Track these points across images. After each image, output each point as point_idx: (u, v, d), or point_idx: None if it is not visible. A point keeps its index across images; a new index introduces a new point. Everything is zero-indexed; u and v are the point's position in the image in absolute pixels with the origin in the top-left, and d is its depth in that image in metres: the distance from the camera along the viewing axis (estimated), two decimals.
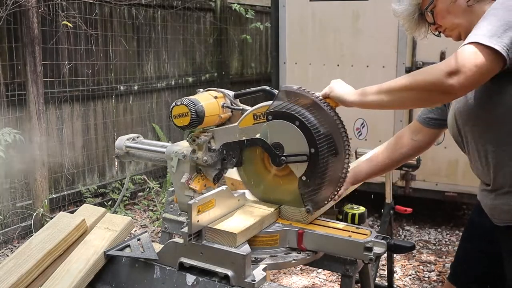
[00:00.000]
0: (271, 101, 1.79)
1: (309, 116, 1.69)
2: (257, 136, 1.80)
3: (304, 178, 1.74)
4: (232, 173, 2.06)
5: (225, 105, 1.93)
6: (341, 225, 1.85)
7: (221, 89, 1.98)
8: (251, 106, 1.88)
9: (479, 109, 1.73)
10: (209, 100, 1.88)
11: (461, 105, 1.79)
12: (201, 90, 1.99)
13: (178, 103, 1.82)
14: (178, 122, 1.83)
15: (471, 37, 1.55)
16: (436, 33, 1.93)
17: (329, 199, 1.81)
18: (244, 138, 1.83)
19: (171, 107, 1.84)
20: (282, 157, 1.75)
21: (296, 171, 1.75)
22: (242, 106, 1.95)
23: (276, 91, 1.84)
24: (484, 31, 1.54)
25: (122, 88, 5.85)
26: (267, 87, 1.90)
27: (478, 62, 1.50)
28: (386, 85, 1.65)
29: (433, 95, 1.57)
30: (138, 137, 2.18)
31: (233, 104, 1.95)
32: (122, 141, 2.13)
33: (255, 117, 1.81)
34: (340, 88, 1.75)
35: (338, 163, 1.73)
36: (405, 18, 1.93)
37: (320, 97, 1.74)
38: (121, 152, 2.13)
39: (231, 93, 1.97)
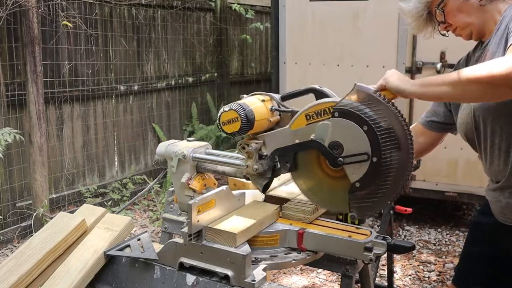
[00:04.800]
0: (322, 100, 1.69)
1: (381, 123, 1.56)
2: (312, 137, 1.67)
3: (358, 184, 1.62)
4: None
5: (273, 108, 1.81)
6: (341, 225, 1.85)
7: (267, 92, 1.86)
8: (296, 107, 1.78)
9: (503, 104, 1.70)
10: (257, 104, 1.77)
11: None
12: (245, 95, 1.85)
13: (226, 109, 1.72)
14: (227, 129, 1.72)
15: None
16: (443, 32, 1.91)
17: (378, 210, 1.71)
18: (297, 141, 1.71)
19: (219, 114, 1.73)
20: (340, 159, 1.61)
21: (352, 175, 1.62)
22: (291, 107, 1.82)
23: (326, 90, 1.74)
24: None
25: (122, 88, 5.85)
26: (316, 86, 1.76)
27: None
28: (451, 77, 1.58)
29: (502, 89, 1.51)
30: (176, 142, 2.13)
31: (281, 106, 1.83)
32: (164, 147, 2.05)
33: (308, 117, 1.69)
34: (397, 78, 1.65)
35: (398, 179, 1.62)
36: (413, 16, 1.90)
37: (377, 90, 1.63)
38: (162, 158, 2.08)
39: (278, 95, 1.86)
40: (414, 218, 5.07)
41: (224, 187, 1.82)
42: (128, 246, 1.87)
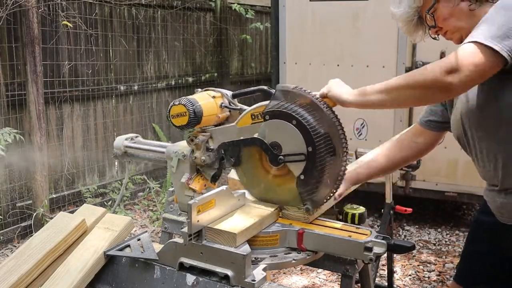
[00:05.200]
0: (268, 101, 1.78)
1: (306, 115, 1.69)
2: (255, 135, 1.80)
3: (302, 177, 1.74)
4: (235, 174, 2.04)
5: (223, 104, 1.92)
6: (341, 225, 1.85)
7: (219, 89, 1.97)
8: (249, 106, 1.88)
9: (485, 111, 1.74)
10: (207, 100, 1.88)
11: (464, 108, 1.80)
12: (199, 90, 1.99)
13: (176, 103, 1.82)
14: (176, 122, 1.83)
15: (471, 37, 1.57)
16: (434, 36, 1.93)
17: (328, 198, 1.82)
18: (242, 138, 1.83)
19: (169, 107, 1.84)
20: (280, 157, 1.74)
21: (295, 170, 1.75)
22: (240, 106, 1.94)
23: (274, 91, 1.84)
24: (485, 32, 1.56)
25: (122, 88, 5.85)
26: (265, 87, 1.89)
27: (476, 61, 1.52)
28: (385, 85, 1.65)
29: (432, 92, 1.58)
30: (136, 136, 2.18)
31: (231, 104, 1.94)
32: (121, 140, 2.12)
33: (253, 116, 1.81)
34: (338, 87, 1.75)
35: (336, 162, 1.74)
36: (404, 21, 1.93)
37: (318, 97, 1.74)
38: (119, 152, 2.12)
39: (229, 92, 1.97)
40: (414, 218, 5.07)
41: (224, 187, 1.82)
42: (128, 246, 1.87)
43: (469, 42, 1.56)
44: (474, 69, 1.52)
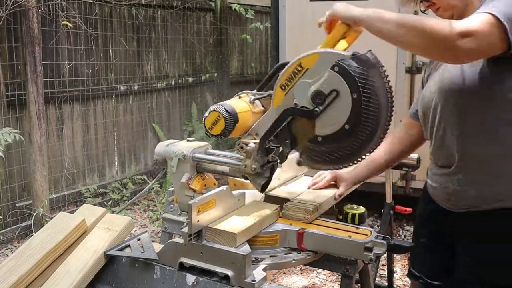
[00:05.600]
0: (287, 65, 1.67)
1: (372, 97, 1.56)
2: (294, 100, 1.64)
3: (319, 139, 1.63)
4: None
5: (252, 98, 1.83)
6: (341, 225, 1.85)
7: (243, 91, 1.89)
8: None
9: (477, 87, 1.71)
10: (234, 100, 1.81)
11: (456, 78, 1.75)
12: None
13: (206, 114, 1.74)
14: (215, 131, 1.73)
15: (490, 7, 1.53)
16: (423, 9, 1.91)
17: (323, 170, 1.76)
18: (275, 119, 1.69)
19: (203, 121, 1.75)
20: (316, 109, 1.60)
21: (319, 129, 1.62)
22: (268, 92, 1.82)
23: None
24: (502, 8, 1.52)
25: (122, 88, 5.85)
26: (284, 62, 1.73)
27: (491, 35, 1.50)
28: (401, 19, 1.58)
29: (438, 49, 1.54)
30: (176, 142, 2.14)
31: (258, 95, 1.84)
32: (162, 147, 2.08)
33: (283, 87, 1.67)
34: (346, 6, 1.69)
35: (360, 150, 1.63)
36: None
37: (325, 22, 1.68)
38: (160, 158, 2.08)
39: (253, 91, 1.88)
40: (414, 218, 5.04)
41: (224, 187, 1.82)
42: (128, 246, 1.87)
43: (488, 12, 1.51)
44: (486, 41, 1.50)
